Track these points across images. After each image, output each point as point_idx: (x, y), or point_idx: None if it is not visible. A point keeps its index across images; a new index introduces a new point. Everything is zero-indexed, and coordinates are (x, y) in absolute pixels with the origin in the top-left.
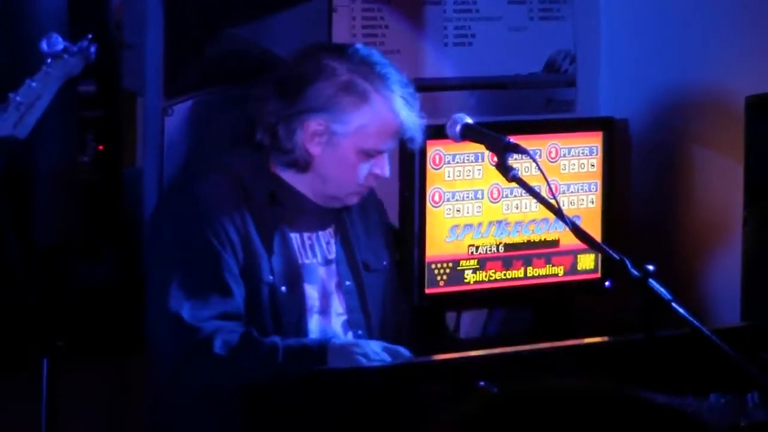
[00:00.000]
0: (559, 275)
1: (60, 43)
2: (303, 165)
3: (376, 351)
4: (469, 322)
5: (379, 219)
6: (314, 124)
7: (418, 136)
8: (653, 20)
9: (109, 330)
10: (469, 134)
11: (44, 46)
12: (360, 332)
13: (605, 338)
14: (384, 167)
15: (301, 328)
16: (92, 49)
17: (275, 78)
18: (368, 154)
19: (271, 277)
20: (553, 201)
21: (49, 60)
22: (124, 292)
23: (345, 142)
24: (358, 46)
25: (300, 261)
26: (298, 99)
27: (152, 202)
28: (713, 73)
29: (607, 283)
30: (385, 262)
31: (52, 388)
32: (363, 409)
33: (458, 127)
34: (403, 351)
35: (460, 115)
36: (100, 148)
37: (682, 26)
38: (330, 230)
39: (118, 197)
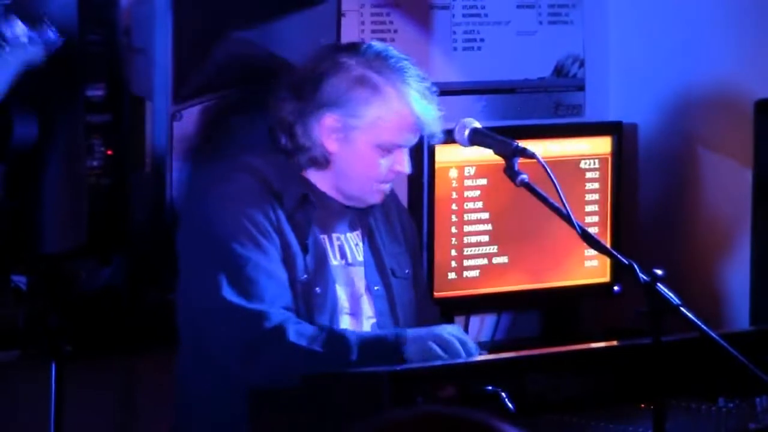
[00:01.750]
0: (568, 280)
1: (21, 30)
2: (323, 162)
3: (453, 333)
4: (477, 327)
5: (402, 227)
6: (329, 119)
7: (438, 132)
8: (662, 24)
9: (116, 333)
10: (477, 139)
11: (6, 31)
12: None
13: (613, 343)
14: (404, 163)
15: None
16: (54, 38)
17: (291, 79)
18: (385, 149)
19: (305, 276)
20: (562, 206)
21: (7, 48)
22: (131, 295)
23: (361, 136)
24: (374, 42)
25: (332, 262)
26: (313, 96)
27: (159, 206)
28: (722, 78)
29: (616, 288)
30: (407, 271)
31: (59, 392)
32: (369, 413)
33: (466, 132)
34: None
35: (468, 119)
36: (109, 152)
37: (691, 30)
38: (358, 233)
39: (127, 202)
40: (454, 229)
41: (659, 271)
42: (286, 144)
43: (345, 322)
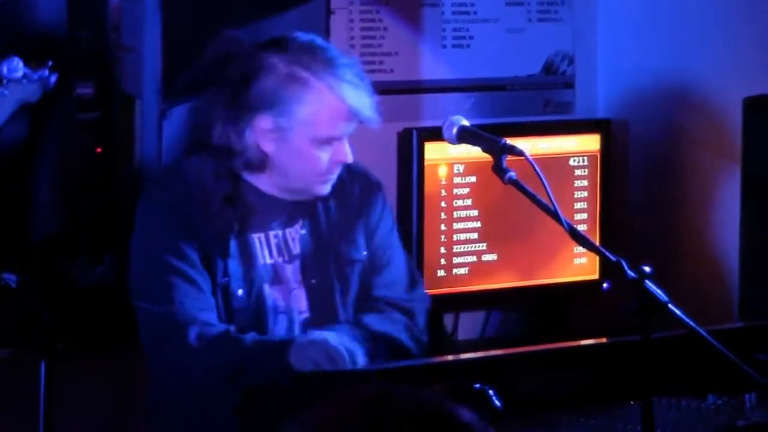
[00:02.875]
0: (557, 277)
1: (20, 69)
2: (258, 164)
3: (342, 343)
4: (466, 324)
5: (360, 210)
6: (262, 122)
7: (373, 116)
8: (651, 22)
9: (107, 331)
10: (465, 137)
11: (3, 70)
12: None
13: (602, 340)
14: (344, 153)
15: (264, 330)
16: (52, 78)
17: (221, 81)
18: (323, 142)
19: (225, 279)
20: (550, 203)
21: (5, 86)
22: (121, 293)
23: (296, 135)
24: (298, 34)
25: (262, 262)
26: (243, 99)
27: None
28: (711, 75)
29: (604, 285)
30: (365, 252)
31: (49, 390)
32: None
33: (454, 130)
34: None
35: (457, 117)
36: (98, 150)
37: (679, 28)
38: (298, 225)
39: (116, 199)
40: (443, 227)
41: (647, 268)
42: (220, 142)
43: (281, 321)
